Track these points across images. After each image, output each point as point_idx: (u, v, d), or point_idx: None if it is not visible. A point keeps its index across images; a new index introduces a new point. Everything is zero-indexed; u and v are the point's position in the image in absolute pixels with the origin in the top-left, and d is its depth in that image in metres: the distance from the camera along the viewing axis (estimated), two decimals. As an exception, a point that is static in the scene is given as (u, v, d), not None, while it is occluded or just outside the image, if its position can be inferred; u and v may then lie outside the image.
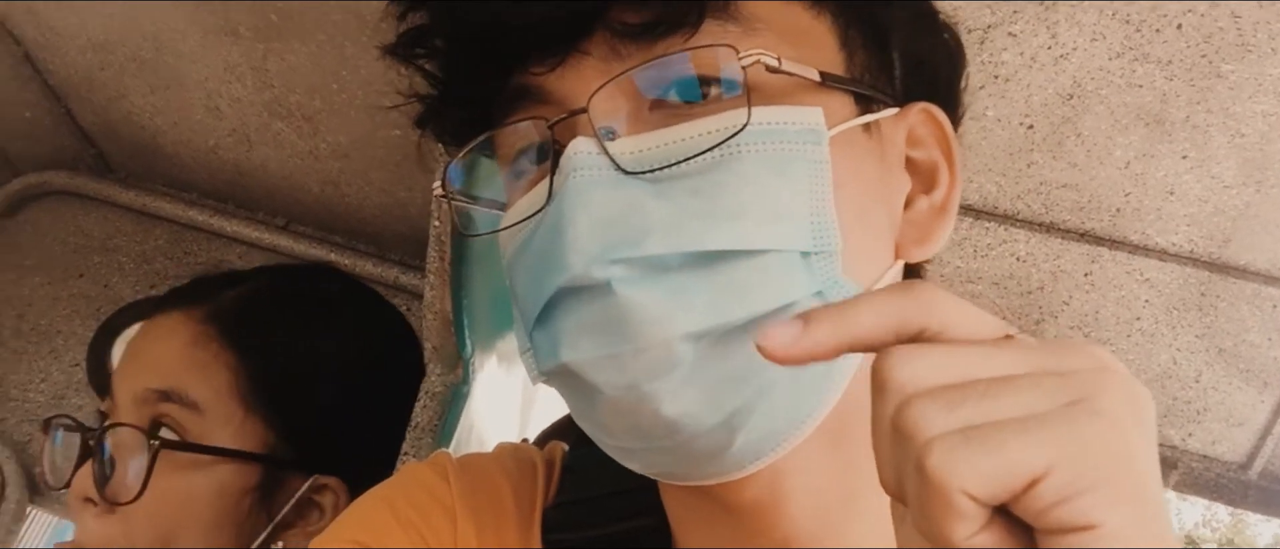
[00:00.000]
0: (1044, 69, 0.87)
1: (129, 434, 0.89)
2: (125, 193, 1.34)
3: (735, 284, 0.48)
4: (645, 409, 0.48)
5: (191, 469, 0.89)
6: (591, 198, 0.48)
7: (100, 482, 0.88)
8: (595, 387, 0.49)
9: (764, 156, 0.49)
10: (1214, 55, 0.83)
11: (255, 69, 1.12)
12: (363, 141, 1.17)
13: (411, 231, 1.26)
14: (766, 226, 0.48)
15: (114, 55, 1.17)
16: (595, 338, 0.48)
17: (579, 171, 0.49)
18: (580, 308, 0.49)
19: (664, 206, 0.48)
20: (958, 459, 0.33)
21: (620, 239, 0.48)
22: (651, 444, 0.51)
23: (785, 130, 0.50)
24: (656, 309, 0.47)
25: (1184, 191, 0.96)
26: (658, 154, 0.49)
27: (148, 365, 0.94)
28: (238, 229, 1.31)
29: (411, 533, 0.61)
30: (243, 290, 0.99)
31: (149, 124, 1.26)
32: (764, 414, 0.49)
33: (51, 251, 1.33)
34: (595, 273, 0.47)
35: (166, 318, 0.97)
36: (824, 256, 0.50)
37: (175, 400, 0.90)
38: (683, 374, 0.48)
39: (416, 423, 0.98)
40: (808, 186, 0.50)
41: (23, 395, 1.27)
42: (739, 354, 0.48)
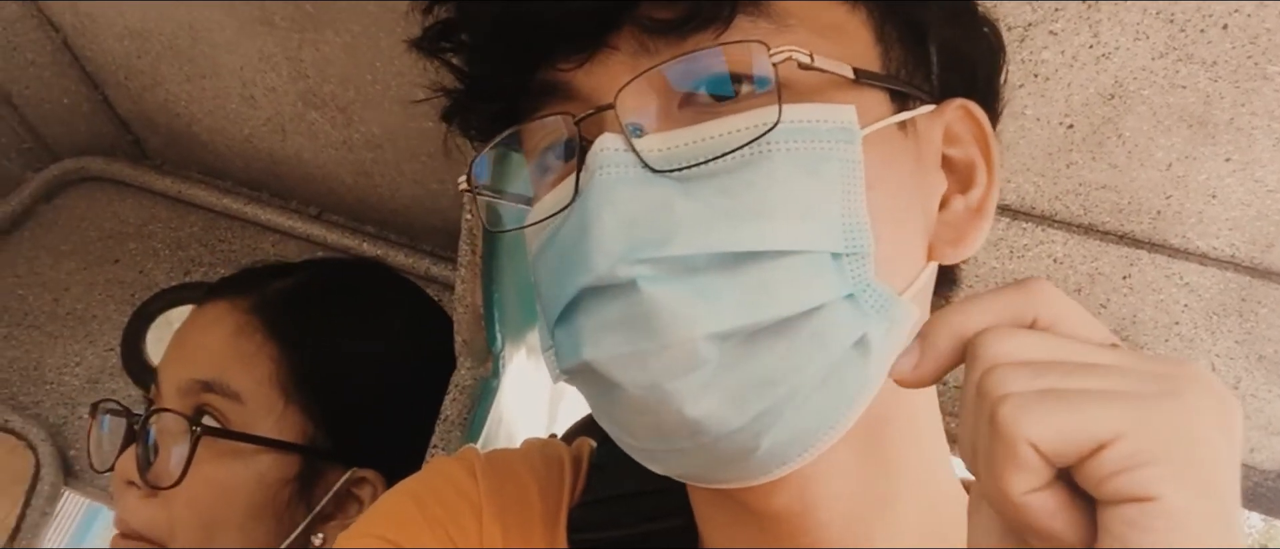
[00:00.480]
0: (1085, 68, 0.86)
1: (172, 420, 0.91)
2: (161, 179, 1.35)
3: (763, 285, 0.47)
4: (668, 409, 0.47)
5: (232, 458, 0.91)
6: (617, 196, 0.48)
7: (143, 466, 0.90)
8: (617, 385, 0.48)
9: (795, 155, 0.48)
10: (1260, 57, 0.81)
11: (290, 59, 1.12)
12: (396, 133, 1.17)
13: (443, 223, 1.26)
14: (796, 227, 0.47)
15: (150, 43, 1.18)
16: (618, 336, 0.48)
17: (605, 169, 0.48)
18: (603, 306, 0.48)
19: (691, 206, 0.47)
20: (1028, 410, 0.34)
21: (646, 239, 0.47)
22: (673, 445, 0.50)
23: (817, 128, 0.49)
24: (681, 308, 0.46)
25: (1226, 195, 0.95)
26: (686, 152, 0.49)
27: (192, 355, 0.95)
28: (272, 218, 1.32)
29: (437, 529, 0.61)
30: (290, 283, 1.00)
31: (184, 112, 1.27)
32: (791, 419, 0.48)
33: (87, 237, 1.34)
34: (620, 272, 0.47)
35: (213, 307, 0.98)
36: (856, 258, 0.49)
37: (217, 391, 0.91)
38: (707, 375, 0.47)
39: (446, 416, 0.98)
40: (840, 187, 0.49)
41: (58, 379, 1.28)
42: (766, 356, 0.47)
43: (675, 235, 0.47)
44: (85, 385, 1.27)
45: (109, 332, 1.29)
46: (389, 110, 1.14)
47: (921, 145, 0.54)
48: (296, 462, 0.93)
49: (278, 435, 0.92)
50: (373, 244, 1.29)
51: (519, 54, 0.53)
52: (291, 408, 0.93)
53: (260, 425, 0.92)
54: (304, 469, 0.93)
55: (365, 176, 1.25)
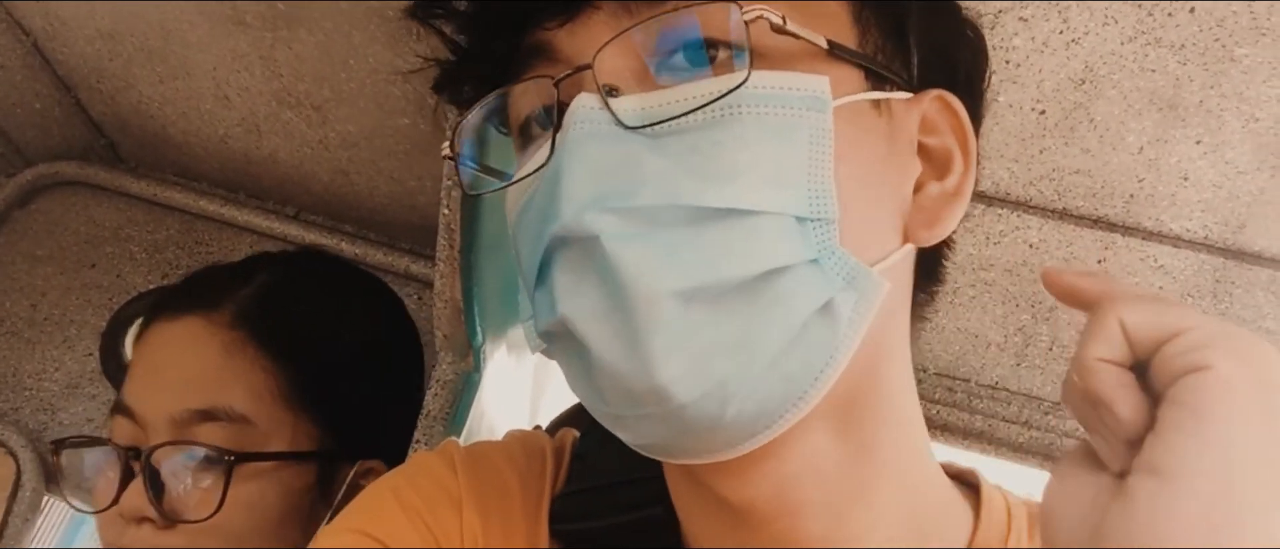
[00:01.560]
0: (1056, 54, 0.86)
1: (182, 452, 0.88)
2: (136, 183, 1.34)
3: (726, 243, 0.47)
4: (635, 367, 0.48)
5: (258, 477, 0.89)
6: (588, 149, 0.49)
7: (156, 502, 0.87)
8: (589, 345, 0.49)
9: (764, 119, 0.49)
10: (1228, 39, 0.82)
11: (263, 58, 1.12)
12: (372, 131, 1.17)
13: (421, 221, 1.26)
14: (762, 189, 0.48)
15: (122, 45, 1.17)
16: (588, 290, 0.48)
17: (579, 124, 0.49)
18: (574, 261, 0.49)
19: (660, 161, 0.48)
20: (1125, 300, 0.42)
21: (613, 190, 0.48)
22: (643, 411, 0.49)
23: (788, 95, 0.50)
24: (645, 263, 0.47)
25: (1198, 177, 0.95)
26: (658, 111, 0.49)
27: (180, 382, 0.91)
28: (249, 219, 1.31)
29: (417, 522, 0.61)
30: (258, 288, 0.98)
31: (158, 114, 1.26)
32: (756, 385, 0.48)
33: (63, 241, 1.34)
34: (587, 221, 0.47)
35: (185, 325, 0.94)
36: (820, 224, 0.49)
37: (222, 417, 0.89)
38: (671, 336, 0.47)
39: (428, 411, 0.98)
40: (807, 153, 0.49)
41: (37, 385, 1.27)
42: (730, 319, 0.48)
43: (641, 188, 0.48)
44: (64, 391, 1.27)
45: (87, 336, 1.29)
46: (364, 108, 1.14)
47: (896, 128, 0.55)
48: (313, 468, 0.93)
49: (292, 447, 0.92)
50: (351, 243, 1.28)
51: (507, 16, 0.54)
52: (301, 417, 0.93)
53: (275, 441, 0.91)
54: (321, 473, 0.93)
55: (342, 175, 1.25)
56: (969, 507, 0.61)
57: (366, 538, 0.59)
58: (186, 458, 0.88)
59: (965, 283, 1.14)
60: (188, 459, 0.88)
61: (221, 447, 0.88)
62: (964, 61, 0.61)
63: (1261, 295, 1.06)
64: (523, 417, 1.16)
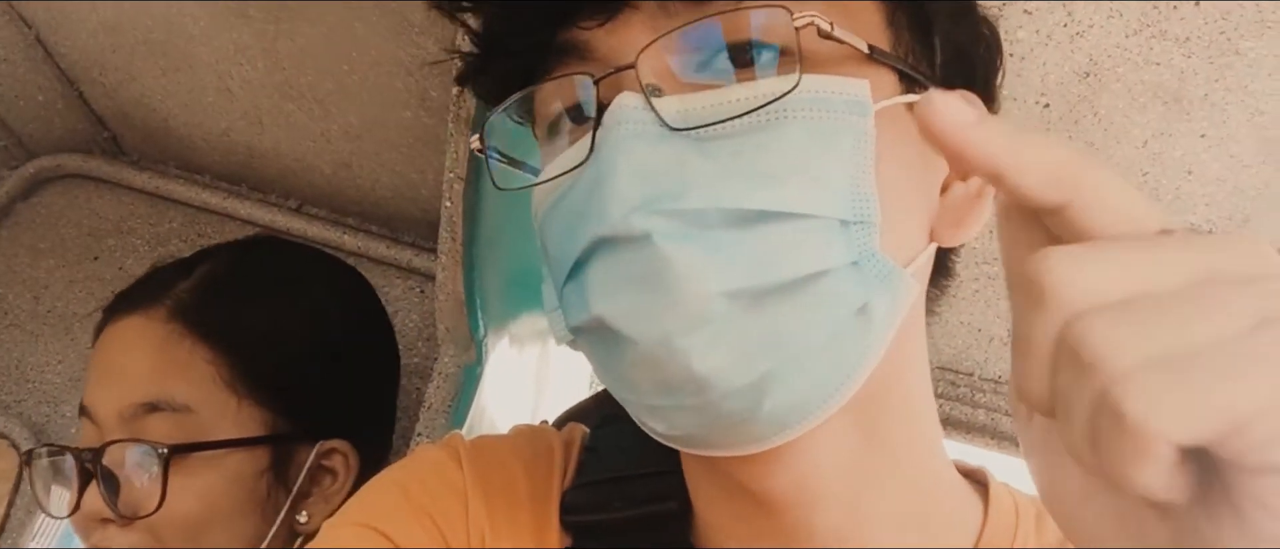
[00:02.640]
0: (1060, 47, 0.86)
1: (126, 449, 0.89)
2: (139, 175, 1.34)
3: (773, 245, 0.47)
4: (676, 363, 0.48)
5: (203, 467, 0.89)
6: (634, 149, 0.48)
7: (111, 501, 0.88)
8: (627, 338, 0.49)
9: (809, 122, 0.49)
10: (1232, 32, 0.82)
11: (266, 51, 1.12)
12: (374, 123, 1.17)
13: (424, 214, 1.26)
14: (807, 192, 0.48)
15: (124, 38, 1.17)
16: (630, 289, 0.48)
17: (623, 125, 0.49)
18: (615, 259, 0.49)
19: (706, 163, 0.48)
20: (1163, 403, 0.28)
21: (662, 191, 0.47)
22: (679, 402, 0.50)
23: (832, 99, 0.49)
24: (694, 264, 0.47)
25: (1202, 170, 0.95)
26: (704, 112, 0.49)
27: (123, 378, 0.92)
28: (251, 212, 1.31)
29: (422, 516, 0.61)
30: (196, 280, 0.97)
31: (160, 106, 1.26)
32: (794, 382, 0.49)
33: (66, 234, 1.34)
34: (635, 223, 0.47)
35: (128, 324, 0.95)
36: (863, 227, 0.49)
37: (165, 408, 0.89)
38: (715, 331, 0.47)
39: (430, 404, 0.99)
40: (851, 157, 0.49)
41: (40, 377, 1.27)
42: (773, 317, 0.48)
43: (690, 190, 0.47)
44: (67, 383, 1.27)
45: (90, 329, 1.27)
46: (367, 101, 1.14)
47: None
48: (266, 452, 0.92)
49: (240, 433, 0.91)
50: (353, 236, 1.28)
51: (541, 13, 0.53)
52: (245, 403, 0.92)
53: (219, 428, 0.91)
54: (275, 457, 0.93)
55: (344, 168, 1.25)
56: (979, 503, 0.61)
57: (372, 532, 0.59)
58: (133, 454, 0.89)
59: (969, 276, 1.14)
60: (134, 455, 0.89)
61: (160, 440, 0.88)
62: (981, 59, 0.61)
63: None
64: (525, 409, 1.16)
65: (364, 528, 0.60)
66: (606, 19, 0.51)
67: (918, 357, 0.58)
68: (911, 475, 0.57)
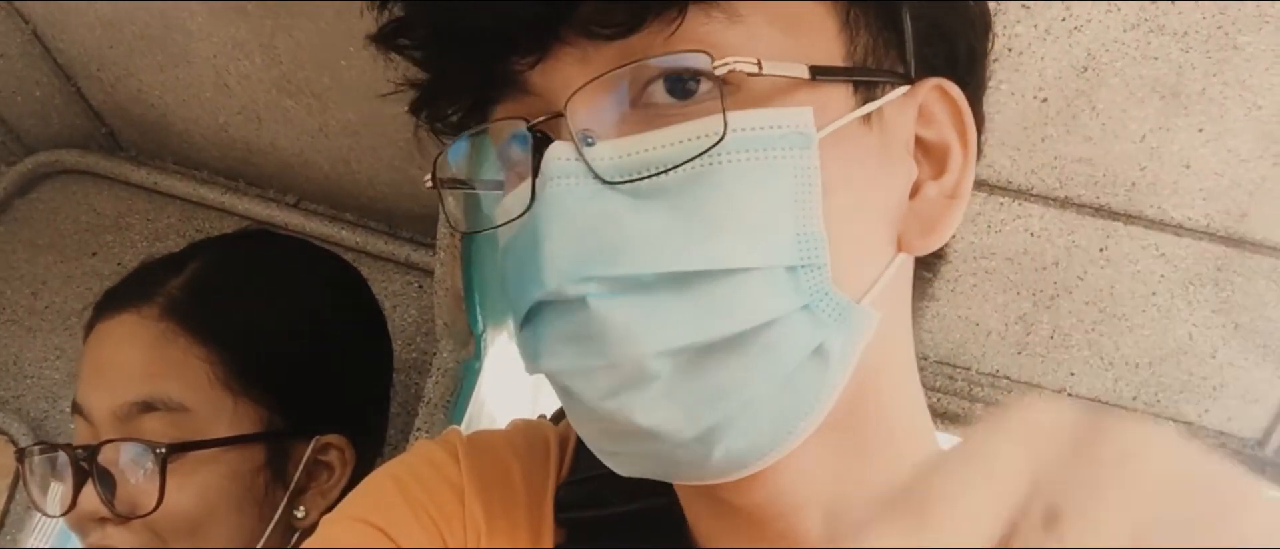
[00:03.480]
0: (1058, 41, 0.86)
1: (122, 448, 0.89)
2: (137, 171, 1.34)
3: (714, 303, 0.46)
4: (621, 418, 0.48)
5: (201, 465, 0.90)
6: (566, 209, 0.47)
7: (108, 499, 0.88)
8: (575, 394, 0.49)
9: (745, 167, 0.47)
10: (1230, 26, 0.82)
11: (264, 46, 1.12)
12: (372, 119, 1.17)
13: (422, 209, 1.26)
14: (747, 243, 0.46)
15: (122, 33, 1.17)
16: (572, 350, 0.48)
17: (556, 180, 0.47)
18: (558, 320, 0.48)
19: (640, 221, 0.46)
20: None
21: (593, 256, 0.46)
22: (633, 449, 0.50)
23: (769, 136, 0.47)
24: (630, 327, 0.46)
25: (1200, 165, 0.95)
26: (636, 161, 0.47)
27: (118, 377, 0.92)
28: (249, 207, 1.31)
29: (419, 512, 0.61)
30: (188, 276, 0.97)
31: (158, 102, 1.26)
32: (746, 428, 0.48)
33: (64, 230, 1.34)
34: (569, 291, 0.46)
35: (120, 322, 0.94)
36: (811, 270, 0.47)
37: (160, 407, 0.89)
38: (660, 388, 0.47)
39: (428, 399, 0.99)
40: (793, 197, 0.47)
41: (38, 373, 1.27)
42: (719, 370, 0.47)
43: (623, 253, 0.46)
44: (66, 379, 1.27)
45: (88, 325, 1.29)
46: (364, 96, 1.13)
47: (888, 135, 0.52)
48: (262, 449, 0.92)
49: (235, 430, 0.91)
50: (352, 231, 1.28)
51: (475, 49, 0.51)
52: (241, 400, 0.92)
53: (215, 426, 0.91)
54: (271, 453, 0.93)
55: (342, 163, 1.25)
56: None
57: (369, 528, 0.59)
58: (128, 453, 0.89)
59: (966, 271, 1.14)
60: (130, 454, 0.89)
61: (157, 440, 0.88)
62: (963, 36, 0.57)
63: (1263, 284, 1.06)
64: (523, 404, 1.16)
65: (362, 524, 0.60)
66: (537, 59, 0.49)
67: (898, 362, 0.56)
68: (900, 476, 0.56)
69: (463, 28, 0.50)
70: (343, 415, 0.97)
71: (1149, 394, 1.21)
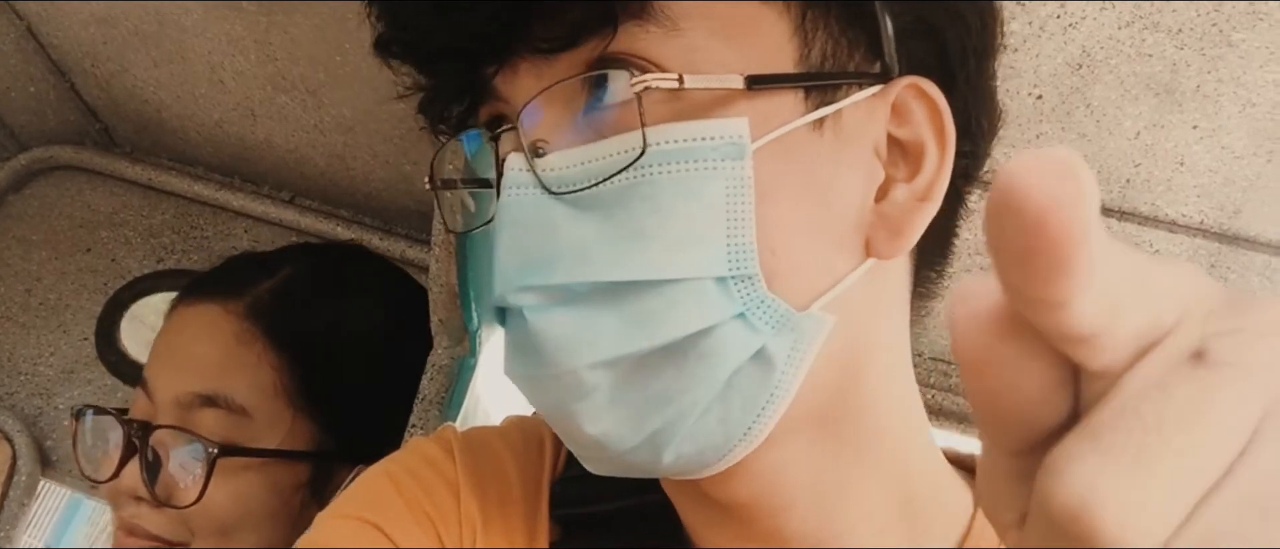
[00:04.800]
0: (1053, 38, 0.86)
1: (178, 437, 0.89)
2: (131, 167, 1.34)
3: (644, 314, 0.47)
4: (570, 427, 0.50)
5: (246, 471, 0.90)
6: (515, 218, 0.49)
7: (150, 481, 0.88)
8: (531, 401, 0.52)
9: (675, 179, 0.47)
10: (1225, 24, 0.82)
11: (258, 42, 1.12)
12: (367, 115, 1.17)
13: (417, 206, 1.26)
14: (676, 254, 0.47)
15: (117, 29, 1.17)
16: (522, 358, 0.50)
17: (510, 190, 0.49)
18: (513, 327, 0.51)
19: (576, 232, 0.48)
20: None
21: (530, 266, 0.48)
22: (589, 453, 0.52)
23: (700, 147, 0.47)
24: (563, 339, 0.47)
25: (1194, 162, 0.95)
26: (578, 173, 0.48)
27: (188, 364, 0.93)
28: (244, 204, 1.31)
29: (415, 507, 0.61)
30: (279, 281, 0.98)
31: (153, 98, 1.26)
32: (692, 432, 0.49)
33: (58, 226, 1.33)
34: (510, 300, 0.48)
35: (204, 310, 0.95)
36: (742, 280, 0.47)
37: (222, 405, 0.90)
38: (601, 398, 0.48)
39: (423, 396, 0.99)
40: (723, 208, 0.47)
41: (33, 370, 1.27)
42: (657, 379, 0.48)
43: (557, 264, 0.47)
44: (60, 376, 1.27)
45: (83, 321, 1.29)
46: (360, 93, 1.13)
47: (846, 139, 0.51)
48: (307, 467, 0.93)
49: (287, 445, 0.92)
50: (347, 228, 1.28)
51: (452, 58, 0.53)
52: (299, 416, 0.93)
53: (269, 436, 0.91)
54: (315, 473, 0.93)
55: (337, 160, 1.25)
56: (969, 494, 0.61)
57: (365, 525, 0.59)
58: (182, 444, 0.89)
59: (961, 268, 1.14)
60: (183, 445, 0.89)
61: (211, 438, 0.89)
62: (954, 32, 0.54)
63: (1256, 280, 1.07)
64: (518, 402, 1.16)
65: (357, 521, 0.60)
66: (498, 68, 0.51)
67: (884, 359, 0.55)
68: (889, 473, 0.56)
69: (433, 41, 0.52)
70: (382, 444, 0.97)
71: (1143, 391, 1.21)
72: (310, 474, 0.93)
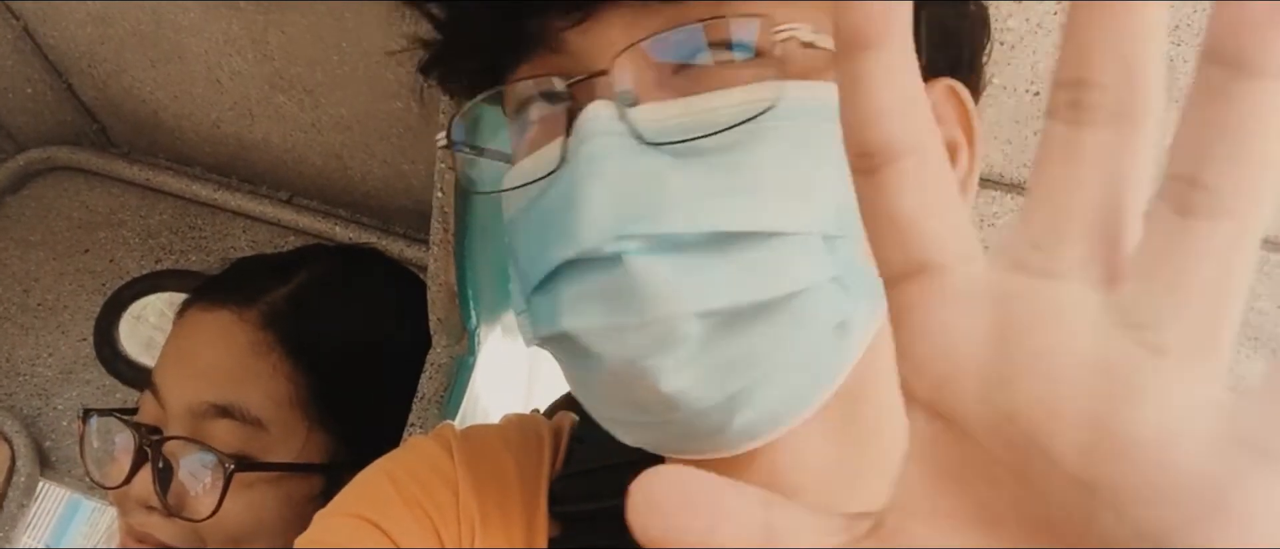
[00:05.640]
0: (1051, 34, 0.86)
1: (191, 447, 0.88)
2: (129, 168, 1.34)
3: (753, 265, 0.46)
4: (644, 384, 0.47)
5: (260, 483, 0.89)
6: (607, 168, 0.46)
7: (162, 490, 0.87)
8: (596, 355, 0.48)
9: (790, 134, 0.47)
10: (1222, 19, 0.82)
11: (255, 42, 1.12)
12: (364, 114, 1.17)
13: (415, 205, 1.26)
14: (789, 207, 0.47)
15: (113, 29, 1.16)
16: (599, 307, 0.47)
17: (596, 138, 0.47)
18: (586, 277, 0.47)
19: (684, 181, 0.46)
20: None
21: (636, 213, 0.46)
22: (648, 418, 0.50)
23: (812, 108, 0.48)
24: (668, 285, 0.45)
25: (1192, 158, 0.96)
26: (680, 124, 0.47)
27: (202, 373, 0.91)
28: (241, 203, 1.31)
29: (413, 506, 0.61)
30: (293, 288, 0.97)
31: (150, 98, 1.26)
32: (765, 397, 0.48)
33: (56, 227, 1.33)
34: (606, 248, 0.46)
35: (217, 317, 0.94)
36: (845, 241, 0.48)
37: (236, 416, 0.89)
38: (687, 352, 0.46)
39: (422, 394, 0.98)
40: (832, 168, 0.48)
41: (31, 370, 1.27)
42: (747, 337, 0.47)
43: (666, 211, 0.46)
44: (59, 376, 1.27)
45: (81, 322, 1.29)
46: (357, 92, 1.13)
47: None
48: (321, 479, 0.92)
49: (303, 457, 0.91)
50: (345, 228, 1.28)
51: (506, 10, 0.51)
52: (314, 428, 0.92)
53: (284, 448, 0.91)
54: (328, 485, 0.92)
55: (335, 159, 1.25)
56: None
57: (364, 523, 0.59)
58: (196, 455, 0.88)
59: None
60: (197, 457, 0.88)
61: (227, 451, 0.88)
62: (967, 39, 0.58)
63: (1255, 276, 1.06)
64: (517, 400, 1.16)
65: (356, 520, 0.60)
66: (582, 18, 0.49)
67: (890, 344, 0.57)
68: (890, 462, 0.56)
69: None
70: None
71: (1141, 387, 1.21)
72: (324, 486, 0.92)
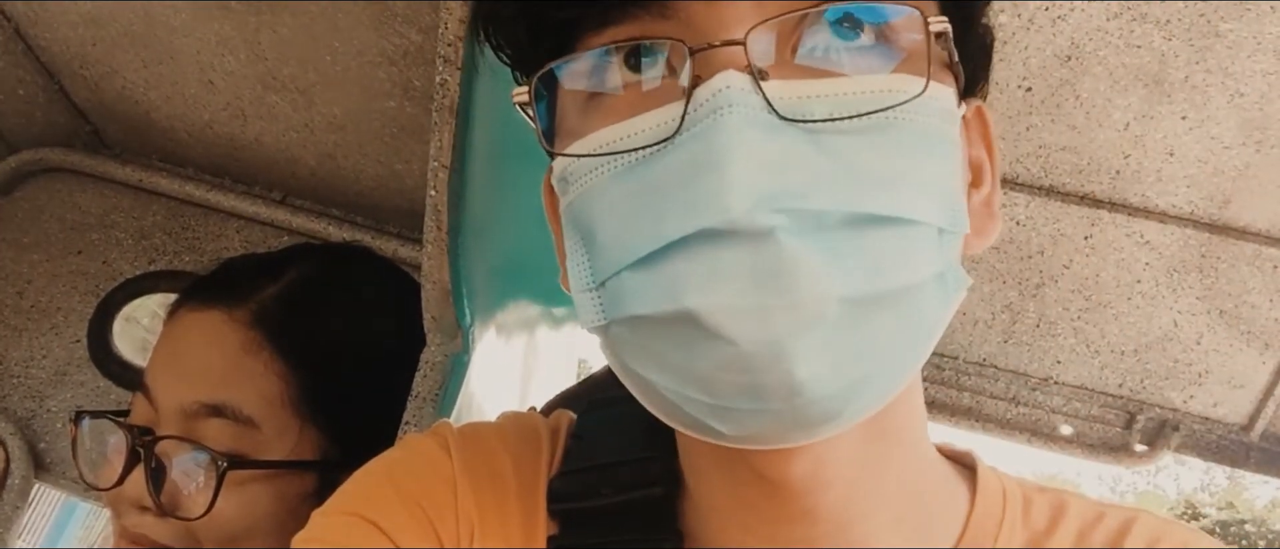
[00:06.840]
0: (1042, 31, 0.86)
1: (184, 447, 0.88)
2: (122, 169, 1.33)
3: (886, 251, 0.46)
4: (779, 368, 0.45)
5: (252, 481, 0.89)
6: (749, 138, 0.45)
7: (155, 490, 0.87)
8: (724, 338, 0.46)
9: (919, 128, 0.48)
10: (1212, 14, 0.83)
11: (248, 42, 1.11)
12: (357, 113, 1.16)
13: (408, 204, 1.26)
14: (918, 197, 0.47)
15: (105, 30, 1.16)
16: (740, 286, 0.45)
17: (733, 108, 0.45)
18: (722, 253, 0.45)
19: (825, 161, 0.46)
20: None
21: (787, 188, 0.45)
22: (761, 406, 0.47)
23: (936, 106, 0.49)
24: (818, 267, 0.45)
25: (1183, 153, 0.96)
26: (816, 105, 0.47)
27: (194, 373, 0.91)
28: (235, 204, 1.31)
29: (411, 504, 0.61)
30: (283, 287, 0.96)
31: (142, 99, 1.25)
32: (875, 388, 0.48)
33: (49, 228, 1.33)
34: (759, 220, 0.44)
35: (208, 316, 0.94)
36: (952, 236, 0.49)
37: (229, 415, 0.89)
38: (823, 337, 0.45)
39: (417, 393, 0.98)
40: (948, 164, 0.50)
41: (25, 372, 1.27)
42: (870, 326, 0.46)
43: (814, 189, 0.45)
44: (52, 378, 1.26)
45: (75, 323, 1.28)
46: (349, 91, 1.13)
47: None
48: (314, 477, 0.92)
49: (295, 455, 0.91)
50: (338, 227, 1.28)
51: None
52: (307, 425, 0.92)
53: (276, 447, 0.90)
54: (321, 482, 0.92)
55: (328, 159, 1.25)
56: (965, 487, 0.61)
57: (362, 521, 0.59)
58: (189, 455, 0.88)
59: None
60: (190, 457, 0.88)
61: (219, 450, 0.87)
62: (980, 60, 0.59)
63: (1246, 270, 1.07)
64: (512, 398, 1.16)
65: (354, 517, 0.60)
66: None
67: None
68: (905, 460, 0.57)
69: None
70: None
71: (1134, 381, 1.22)
72: (317, 484, 0.92)
